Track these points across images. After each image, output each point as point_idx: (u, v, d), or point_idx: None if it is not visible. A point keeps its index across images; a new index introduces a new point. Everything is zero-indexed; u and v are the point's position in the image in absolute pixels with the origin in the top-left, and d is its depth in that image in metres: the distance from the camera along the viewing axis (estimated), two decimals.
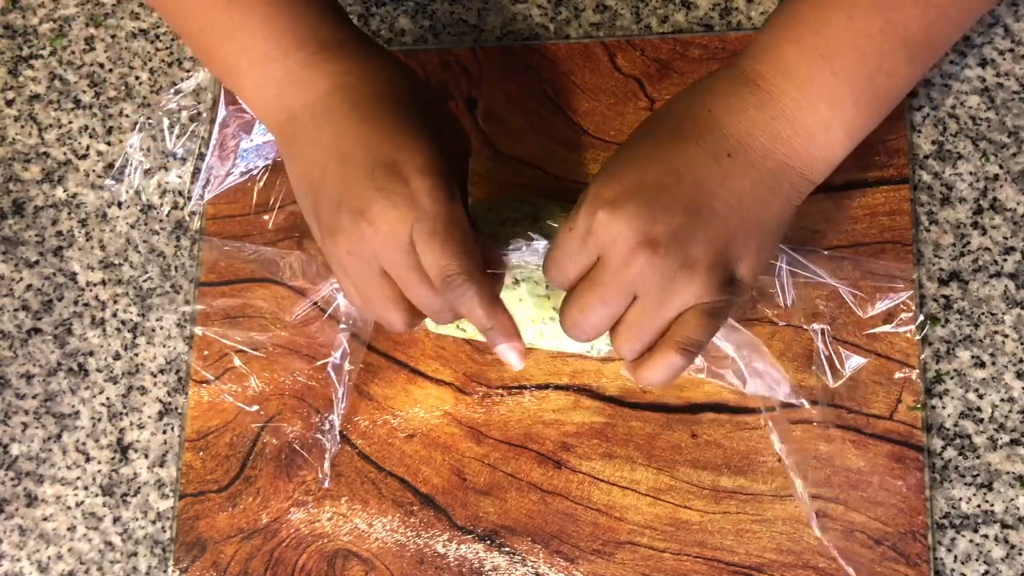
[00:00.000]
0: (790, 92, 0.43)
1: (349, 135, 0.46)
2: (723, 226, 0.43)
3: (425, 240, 0.44)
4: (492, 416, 0.57)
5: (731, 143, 0.44)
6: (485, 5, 0.63)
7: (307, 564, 0.57)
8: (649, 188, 0.43)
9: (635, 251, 0.42)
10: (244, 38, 0.48)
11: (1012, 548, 0.51)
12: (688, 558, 0.53)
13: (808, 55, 0.43)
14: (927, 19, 0.42)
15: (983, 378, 0.53)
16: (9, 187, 0.67)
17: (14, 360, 0.64)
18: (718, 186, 0.43)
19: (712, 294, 0.43)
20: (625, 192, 0.43)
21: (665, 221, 0.42)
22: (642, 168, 0.44)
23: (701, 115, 0.44)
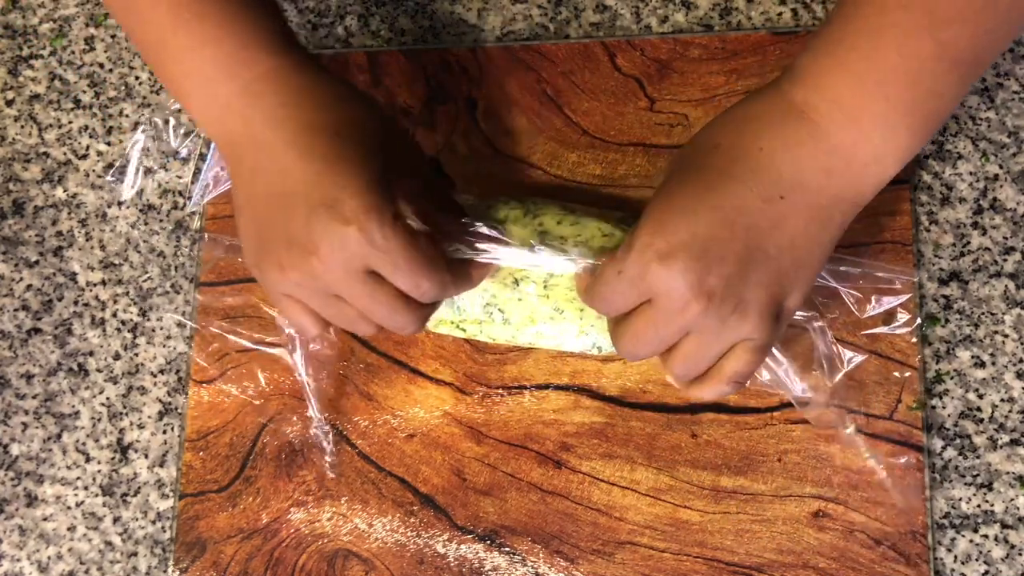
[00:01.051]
0: (844, 124, 0.42)
1: (289, 174, 0.45)
2: (775, 267, 0.43)
3: (390, 273, 0.45)
4: (492, 416, 0.57)
5: (784, 184, 0.42)
6: (485, 5, 0.63)
7: (307, 564, 0.57)
8: (701, 240, 0.42)
9: (689, 302, 0.43)
10: (190, 59, 0.47)
11: (1012, 548, 0.51)
12: (688, 558, 0.53)
13: (861, 83, 0.41)
14: (975, 37, 0.41)
15: (983, 378, 0.53)
16: (9, 187, 0.67)
17: (14, 360, 0.64)
18: (771, 230, 0.43)
19: (762, 332, 0.44)
20: (678, 244, 0.43)
21: (718, 272, 0.42)
22: (693, 217, 0.43)
23: (751, 153, 0.43)
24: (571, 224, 0.53)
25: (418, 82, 0.62)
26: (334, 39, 0.64)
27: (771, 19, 0.59)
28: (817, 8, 0.58)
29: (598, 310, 0.48)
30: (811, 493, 0.52)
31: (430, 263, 0.46)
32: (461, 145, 0.60)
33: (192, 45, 0.47)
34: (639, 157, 0.58)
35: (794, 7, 0.59)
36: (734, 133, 0.44)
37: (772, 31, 0.58)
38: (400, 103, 0.61)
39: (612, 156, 0.58)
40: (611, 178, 0.58)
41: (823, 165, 0.42)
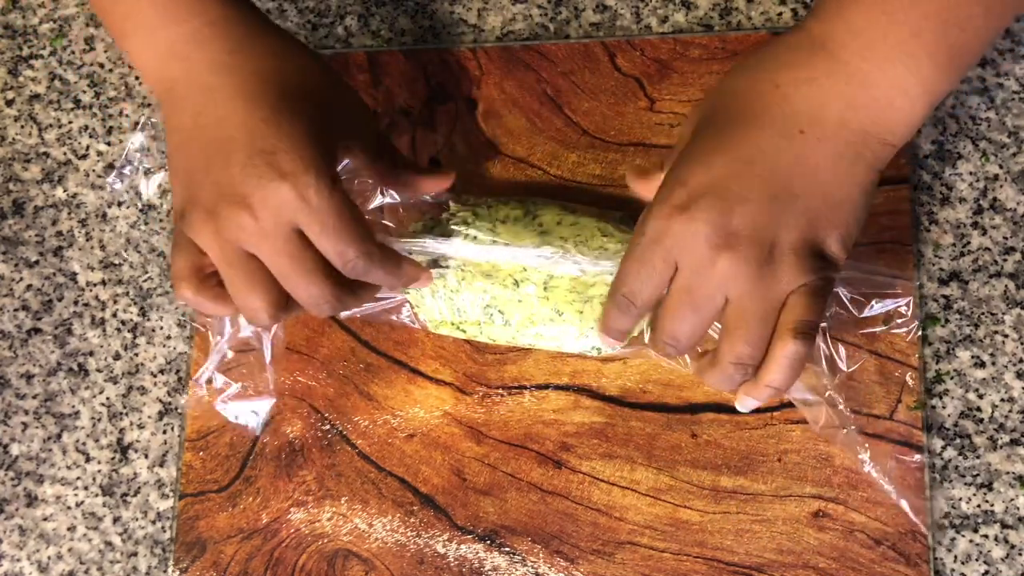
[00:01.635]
0: (861, 52, 0.40)
1: (231, 120, 0.44)
2: (804, 206, 0.41)
3: (317, 233, 0.44)
4: (492, 416, 0.57)
5: (803, 118, 0.41)
6: (485, 5, 0.63)
7: (307, 564, 0.57)
8: (720, 182, 0.41)
9: (717, 249, 0.40)
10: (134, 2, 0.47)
11: (1012, 548, 0.51)
12: (688, 558, 0.53)
13: (878, 11, 0.40)
14: None
15: (983, 378, 0.53)
16: (9, 187, 0.67)
17: (14, 360, 0.64)
18: (794, 166, 0.41)
19: (808, 274, 0.41)
20: (695, 191, 0.41)
21: (742, 212, 0.40)
22: (709, 163, 0.41)
23: (766, 91, 0.42)
24: (571, 224, 0.53)
25: (418, 82, 0.62)
26: (334, 39, 0.64)
27: (771, 19, 0.59)
28: None
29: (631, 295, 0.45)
30: (811, 493, 0.52)
31: (360, 232, 0.45)
32: (461, 145, 0.60)
33: None
34: (639, 157, 0.58)
35: (794, 7, 0.59)
36: (749, 75, 0.43)
37: (772, 31, 0.58)
38: (400, 103, 0.62)
39: (612, 156, 0.58)
40: (611, 178, 0.58)
41: (843, 96, 0.41)
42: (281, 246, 0.44)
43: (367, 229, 0.46)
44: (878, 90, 0.41)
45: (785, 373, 0.43)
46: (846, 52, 0.41)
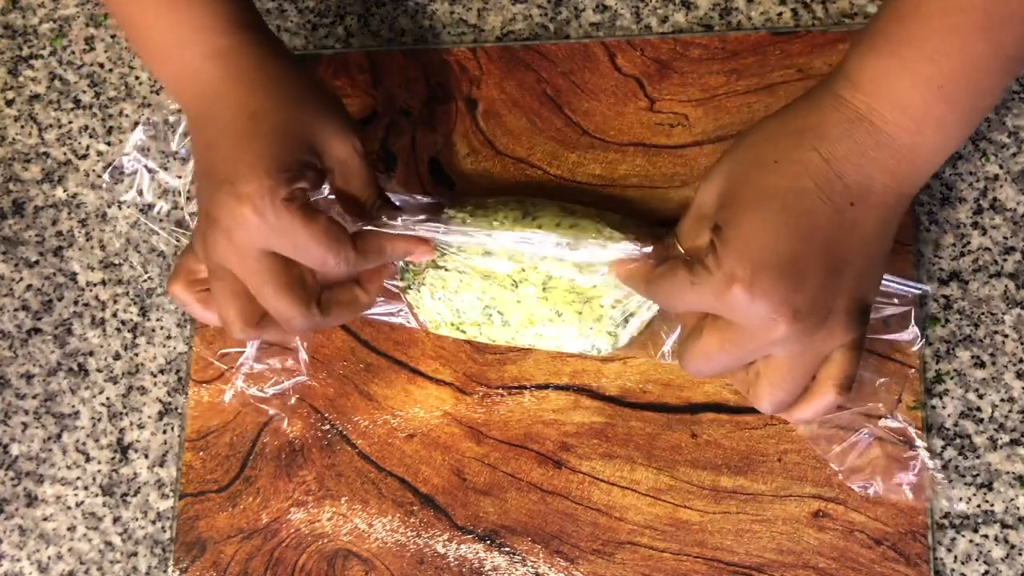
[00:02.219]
0: (909, 128, 0.42)
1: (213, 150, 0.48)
2: (855, 271, 0.43)
3: (291, 252, 0.47)
4: (492, 416, 0.57)
5: (853, 192, 0.42)
6: (485, 5, 0.63)
7: (307, 564, 0.57)
8: (784, 259, 0.42)
9: (776, 323, 0.42)
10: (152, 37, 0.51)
11: (1012, 548, 0.51)
12: (688, 558, 0.53)
13: (925, 86, 0.41)
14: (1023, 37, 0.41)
15: (983, 378, 0.53)
16: (9, 187, 0.67)
17: (14, 360, 0.64)
18: (846, 238, 0.43)
19: (854, 331, 0.44)
20: (760, 266, 0.42)
21: (804, 291, 0.42)
22: (772, 239, 0.42)
23: (818, 166, 0.43)
24: (569, 227, 0.53)
25: (418, 82, 0.62)
26: (334, 39, 0.64)
27: (771, 19, 0.59)
28: (817, 8, 0.58)
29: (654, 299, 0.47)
30: (811, 493, 0.52)
31: (333, 240, 0.47)
32: (461, 145, 0.60)
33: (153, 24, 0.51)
34: (639, 157, 0.58)
35: (794, 7, 0.59)
36: (797, 146, 0.43)
37: (772, 31, 0.58)
38: (400, 103, 0.61)
39: (612, 156, 0.58)
40: (611, 178, 0.58)
41: (889, 168, 0.42)
42: (250, 264, 0.47)
43: (339, 233, 0.48)
44: (918, 159, 0.43)
45: (818, 415, 0.46)
46: (893, 127, 0.42)
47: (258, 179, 0.46)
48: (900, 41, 0.42)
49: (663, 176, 0.57)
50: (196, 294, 0.52)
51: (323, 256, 0.47)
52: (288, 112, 0.49)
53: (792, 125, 0.44)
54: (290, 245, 0.47)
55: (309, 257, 0.47)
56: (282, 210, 0.46)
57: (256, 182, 0.46)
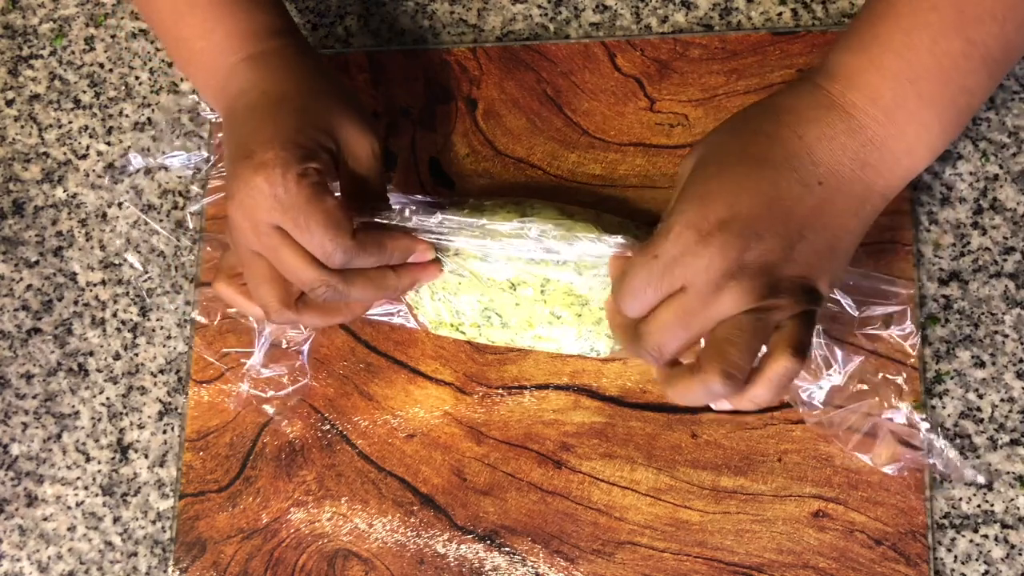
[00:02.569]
0: (879, 119, 0.43)
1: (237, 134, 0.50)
2: (810, 248, 0.44)
3: (292, 229, 0.47)
4: (492, 416, 0.57)
5: (821, 171, 0.44)
6: (485, 5, 0.63)
7: (307, 564, 0.57)
8: (742, 218, 0.43)
9: (726, 278, 0.42)
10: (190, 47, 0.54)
11: (1012, 548, 0.51)
12: (688, 558, 0.53)
13: (895, 81, 0.43)
14: (1005, 35, 0.42)
15: (983, 378, 0.53)
16: (9, 187, 0.67)
17: (14, 360, 0.64)
18: (808, 213, 0.43)
19: (802, 305, 0.44)
20: (718, 222, 0.43)
21: (756, 249, 0.43)
22: (734, 198, 0.43)
23: (791, 141, 0.44)
24: (567, 230, 0.52)
25: (418, 82, 0.62)
26: (334, 39, 0.64)
27: (771, 19, 0.59)
28: (817, 8, 0.58)
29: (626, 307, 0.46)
30: (811, 493, 0.52)
31: (334, 225, 0.47)
32: (461, 145, 0.60)
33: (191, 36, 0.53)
34: (639, 157, 0.58)
35: (794, 7, 0.59)
36: (773, 122, 0.45)
37: (772, 31, 0.58)
38: (400, 103, 0.61)
39: (612, 156, 0.58)
40: (611, 178, 0.58)
41: (859, 156, 0.43)
42: (265, 241, 0.48)
43: (342, 219, 0.48)
44: (890, 153, 0.44)
45: (773, 391, 0.44)
46: (865, 117, 0.43)
47: (273, 150, 0.47)
48: (872, 38, 0.44)
49: (663, 176, 0.57)
50: (239, 287, 0.53)
51: (322, 239, 0.47)
52: (311, 99, 0.50)
53: (772, 106, 0.46)
54: (292, 221, 0.47)
55: (309, 239, 0.47)
56: (291, 183, 0.46)
57: (271, 152, 0.47)
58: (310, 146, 0.48)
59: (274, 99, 0.50)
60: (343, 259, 0.48)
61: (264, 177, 0.46)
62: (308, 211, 0.47)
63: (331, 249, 0.48)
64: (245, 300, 0.53)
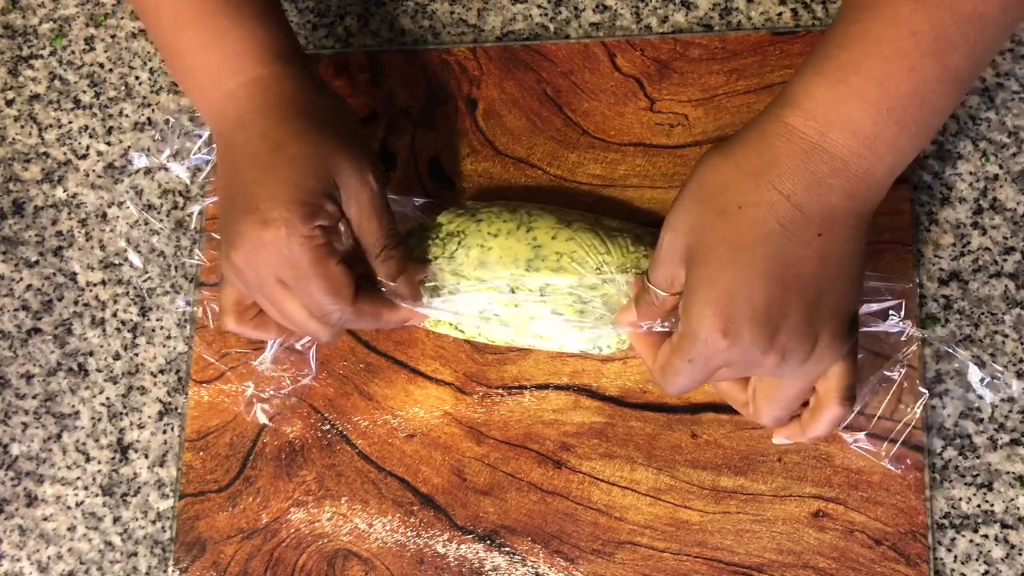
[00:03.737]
0: (862, 152, 0.42)
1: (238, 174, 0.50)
2: (834, 297, 0.44)
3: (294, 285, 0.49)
4: (492, 416, 0.57)
5: (817, 223, 0.43)
6: (485, 5, 0.63)
7: (307, 564, 0.57)
8: (762, 307, 0.43)
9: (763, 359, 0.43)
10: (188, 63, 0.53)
11: (1012, 548, 0.51)
12: (688, 558, 0.53)
13: (876, 111, 0.42)
14: (975, 57, 0.41)
15: (983, 378, 0.53)
16: (9, 187, 0.67)
17: (14, 360, 0.64)
18: (818, 268, 0.43)
19: (845, 347, 0.45)
20: (738, 319, 0.43)
21: (786, 330, 0.43)
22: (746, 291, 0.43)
23: (779, 205, 0.43)
24: (566, 240, 0.52)
25: (418, 82, 0.61)
26: (334, 39, 0.64)
27: (771, 19, 0.59)
28: (817, 8, 0.58)
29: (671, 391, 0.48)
30: (811, 493, 0.52)
31: (335, 291, 0.49)
32: (461, 145, 0.60)
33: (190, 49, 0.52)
34: (639, 157, 0.58)
35: (794, 7, 0.59)
36: (753, 189, 0.43)
37: (772, 31, 0.58)
38: (400, 103, 0.61)
39: (612, 156, 0.58)
40: (611, 178, 0.58)
41: (847, 191, 0.43)
42: (269, 293, 0.50)
43: (343, 285, 0.49)
44: (873, 179, 0.43)
45: (828, 430, 0.47)
46: (849, 153, 0.42)
47: (277, 209, 0.47)
48: (848, 66, 0.42)
49: (663, 176, 0.57)
50: (251, 322, 0.54)
51: (321, 302, 0.49)
52: (311, 146, 0.50)
53: (747, 165, 0.44)
54: (295, 282, 0.49)
55: (309, 301, 0.49)
56: (296, 245, 0.48)
57: (276, 211, 0.47)
58: (314, 202, 0.48)
59: (274, 144, 0.50)
60: (339, 322, 0.51)
61: (270, 237, 0.47)
62: (311, 274, 0.48)
63: (329, 312, 0.50)
64: (263, 332, 0.55)
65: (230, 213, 0.50)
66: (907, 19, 0.40)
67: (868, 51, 0.41)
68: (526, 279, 0.52)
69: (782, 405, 0.47)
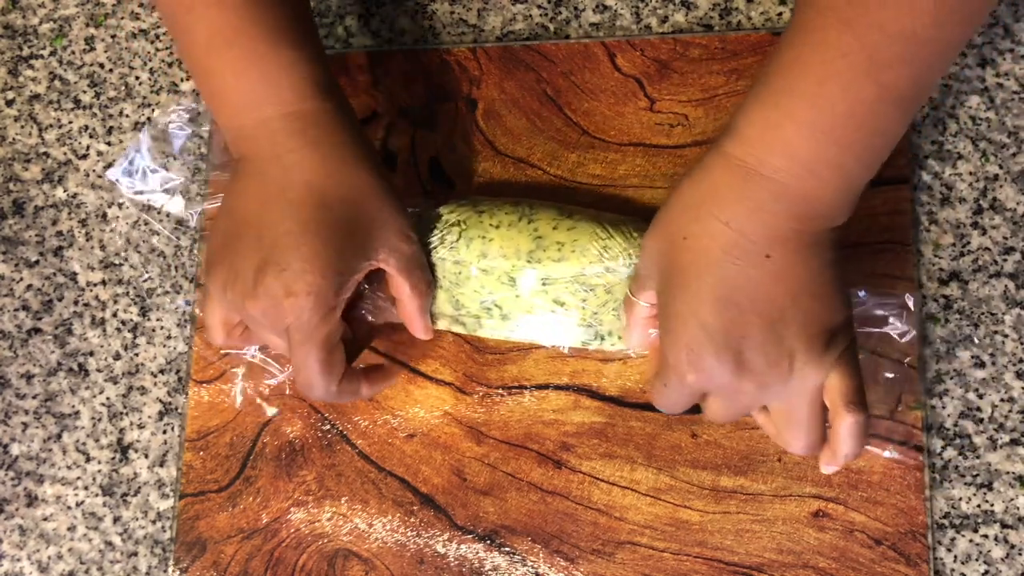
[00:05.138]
0: (801, 175, 0.42)
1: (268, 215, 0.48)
2: (799, 312, 0.43)
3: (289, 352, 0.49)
4: (492, 416, 0.57)
5: (763, 245, 0.43)
6: (485, 5, 0.63)
7: (307, 564, 0.57)
8: (718, 333, 0.43)
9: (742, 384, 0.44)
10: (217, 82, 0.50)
11: (1012, 548, 0.51)
12: (688, 558, 0.53)
13: (811, 132, 0.42)
14: (915, 75, 0.41)
15: (983, 378, 0.53)
16: (9, 187, 0.67)
17: (14, 360, 0.64)
18: (773, 287, 0.43)
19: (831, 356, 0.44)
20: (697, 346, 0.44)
21: (749, 347, 0.43)
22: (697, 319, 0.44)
23: (721, 233, 0.43)
24: (567, 229, 0.53)
25: (418, 82, 0.62)
26: (334, 39, 0.64)
27: (771, 19, 0.59)
28: None
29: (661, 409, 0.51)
30: (811, 493, 0.52)
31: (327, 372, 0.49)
32: (461, 145, 0.60)
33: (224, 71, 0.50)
34: (639, 157, 0.58)
35: (793, 7, 0.59)
36: (695, 220, 0.44)
37: (772, 31, 0.58)
38: (400, 103, 0.62)
39: (612, 156, 0.58)
40: (611, 178, 0.58)
41: (794, 213, 0.43)
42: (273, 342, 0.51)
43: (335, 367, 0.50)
44: (818, 202, 0.43)
45: (855, 442, 0.45)
46: (785, 175, 0.42)
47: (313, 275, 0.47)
48: (782, 91, 0.42)
49: (663, 176, 0.57)
50: (239, 338, 0.54)
51: (310, 380, 0.49)
52: (355, 208, 0.49)
53: (690, 199, 0.45)
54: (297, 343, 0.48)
55: (299, 371, 0.49)
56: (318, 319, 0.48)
57: (310, 277, 0.47)
58: (349, 272, 0.49)
59: (320, 201, 0.48)
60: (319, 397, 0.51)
61: (293, 302, 0.47)
62: (314, 348, 0.48)
63: (315, 386, 0.50)
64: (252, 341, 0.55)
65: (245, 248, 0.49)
66: (835, 42, 0.40)
67: (803, 75, 0.41)
68: (528, 269, 0.52)
69: (801, 429, 0.46)
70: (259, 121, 0.49)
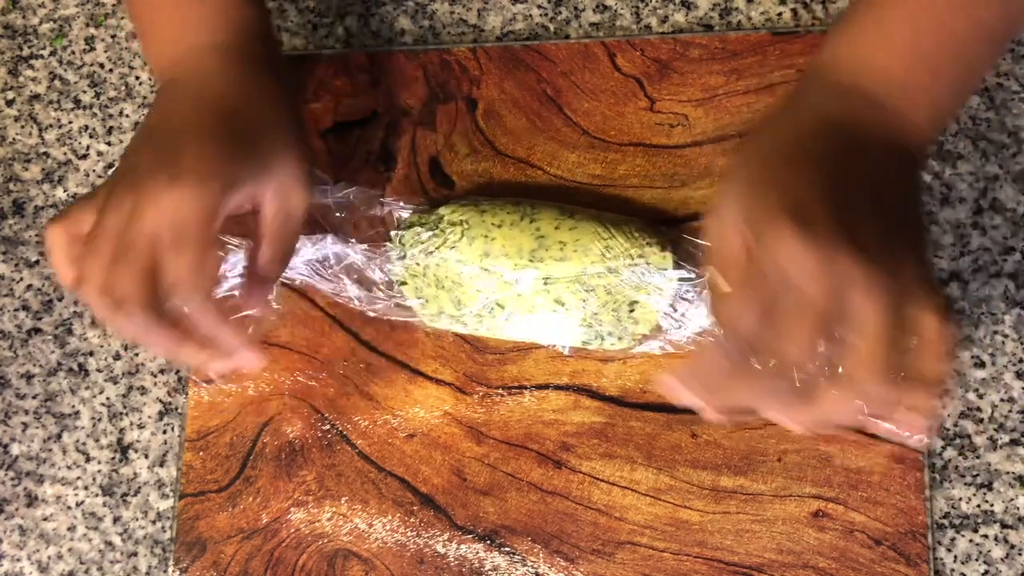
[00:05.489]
0: (895, 94, 0.42)
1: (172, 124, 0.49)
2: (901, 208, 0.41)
3: (163, 248, 0.45)
4: (492, 416, 0.57)
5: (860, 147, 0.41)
6: (485, 5, 0.63)
7: (307, 564, 0.57)
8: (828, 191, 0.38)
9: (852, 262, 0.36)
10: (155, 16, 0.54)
11: (1012, 548, 0.51)
12: (688, 558, 0.53)
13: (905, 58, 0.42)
14: (1008, 15, 0.42)
15: (983, 378, 0.53)
16: (9, 187, 0.67)
17: (14, 360, 0.64)
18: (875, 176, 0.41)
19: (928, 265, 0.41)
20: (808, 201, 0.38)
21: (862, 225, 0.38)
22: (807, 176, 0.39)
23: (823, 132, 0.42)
24: (569, 229, 0.53)
25: (418, 82, 0.62)
26: (334, 39, 0.64)
27: (771, 19, 0.59)
28: (817, 8, 0.58)
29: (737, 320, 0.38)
30: (811, 493, 0.52)
31: (201, 268, 0.45)
32: (461, 145, 0.60)
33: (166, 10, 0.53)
34: (639, 157, 0.58)
35: (794, 7, 0.59)
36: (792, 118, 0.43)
37: (772, 31, 0.58)
38: (400, 103, 0.62)
39: (612, 156, 0.58)
40: (611, 178, 0.58)
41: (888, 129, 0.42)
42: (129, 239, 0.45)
43: (214, 270, 0.47)
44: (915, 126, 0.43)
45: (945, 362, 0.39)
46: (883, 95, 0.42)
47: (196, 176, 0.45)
48: (873, 23, 0.43)
49: (663, 176, 0.57)
50: (71, 248, 0.48)
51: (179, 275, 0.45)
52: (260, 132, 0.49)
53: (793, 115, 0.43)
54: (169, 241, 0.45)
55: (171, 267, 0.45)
56: (197, 206, 0.45)
57: (199, 170, 0.45)
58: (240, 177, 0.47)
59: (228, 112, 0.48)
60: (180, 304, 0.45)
61: (173, 194, 0.45)
62: (190, 242, 0.45)
63: (180, 290, 0.45)
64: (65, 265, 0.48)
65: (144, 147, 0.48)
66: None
67: (893, 10, 0.43)
68: (530, 269, 0.52)
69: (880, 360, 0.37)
70: (190, 47, 0.51)
